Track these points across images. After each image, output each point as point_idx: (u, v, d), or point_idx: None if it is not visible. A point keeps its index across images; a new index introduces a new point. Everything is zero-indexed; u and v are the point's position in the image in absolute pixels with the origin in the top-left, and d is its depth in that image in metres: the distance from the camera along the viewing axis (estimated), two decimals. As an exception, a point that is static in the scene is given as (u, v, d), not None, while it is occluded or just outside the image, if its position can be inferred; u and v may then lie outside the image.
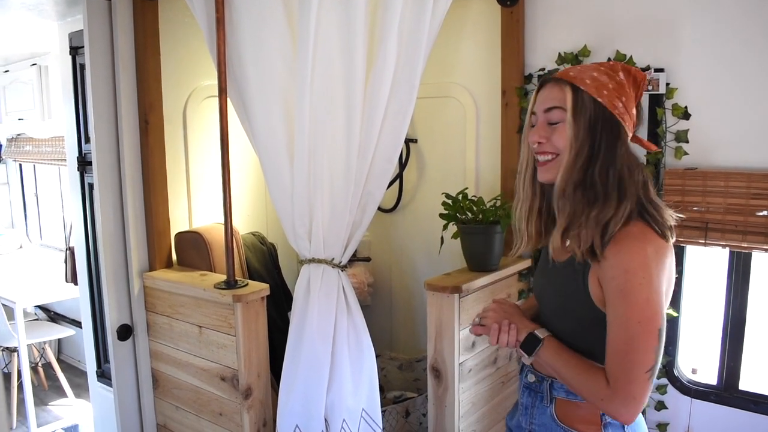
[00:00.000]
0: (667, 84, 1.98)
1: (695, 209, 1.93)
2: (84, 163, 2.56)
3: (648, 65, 2.01)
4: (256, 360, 1.95)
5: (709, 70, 1.94)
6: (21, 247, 4.65)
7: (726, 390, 2.03)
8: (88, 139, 2.37)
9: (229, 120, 1.95)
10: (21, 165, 4.67)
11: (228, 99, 1.92)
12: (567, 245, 1.31)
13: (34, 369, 4.06)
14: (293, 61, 1.80)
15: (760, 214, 1.83)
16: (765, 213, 1.83)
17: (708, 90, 1.95)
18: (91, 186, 2.40)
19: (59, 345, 4.57)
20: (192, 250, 2.22)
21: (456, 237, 2.12)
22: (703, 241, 1.93)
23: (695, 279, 2.11)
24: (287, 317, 2.22)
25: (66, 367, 4.29)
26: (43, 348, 4.03)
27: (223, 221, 1.99)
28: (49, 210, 4.64)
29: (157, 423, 2.30)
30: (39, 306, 4.43)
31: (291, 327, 1.90)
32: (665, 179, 1.98)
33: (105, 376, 2.61)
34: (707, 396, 2.04)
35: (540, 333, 1.29)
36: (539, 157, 1.28)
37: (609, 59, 2.07)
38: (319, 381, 1.84)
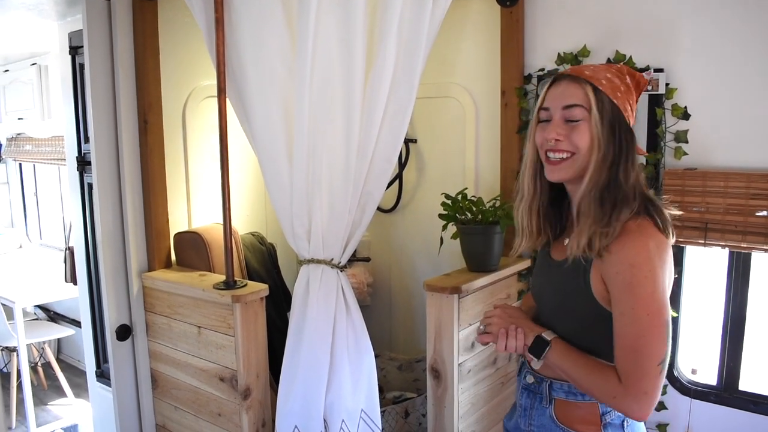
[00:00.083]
0: (667, 84, 1.98)
1: (695, 209, 1.93)
2: (83, 163, 2.56)
3: (648, 65, 2.00)
4: (255, 360, 1.95)
5: (709, 70, 1.94)
6: (21, 247, 4.65)
7: (726, 390, 2.02)
8: (87, 139, 2.36)
9: (229, 120, 1.95)
10: (21, 164, 4.67)
11: (227, 99, 1.92)
12: (566, 243, 1.31)
13: (33, 369, 4.06)
14: (292, 61, 1.80)
15: (759, 214, 1.83)
16: (764, 213, 1.82)
17: (708, 90, 1.94)
18: (91, 186, 2.39)
19: (59, 345, 4.56)
20: (191, 250, 2.22)
21: (455, 237, 2.12)
22: (703, 242, 1.93)
23: (695, 279, 2.11)
24: (286, 317, 2.22)
25: (65, 367, 4.28)
26: (43, 348, 4.03)
27: (222, 221, 1.99)
28: (49, 210, 4.64)
29: (156, 423, 2.30)
30: (38, 306, 4.42)
31: (290, 327, 1.90)
32: (665, 179, 1.98)
33: (104, 376, 2.61)
34: (707, 396, 2.04)
35: (547, 335, 1.27)
36: (552, 155, 1.24)
37: (609, 59, 2.07)
38: (318, 381, 1.84)
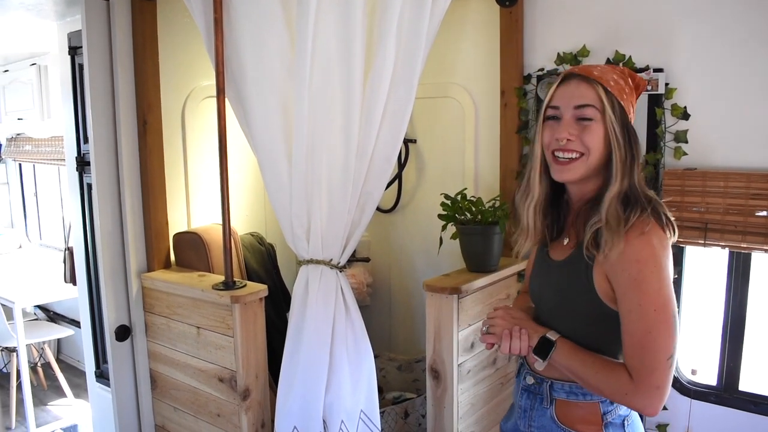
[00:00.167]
0: (667, 84, 1.98)
1: (694, 210, 1.93)
2: (83, 163, 2.56)
3: (647, 65, 2.00)
4: (254, 361, 1.95)
5: (709, 70, 1.93)
6: (20, 247, 4.65)
7: (726, 391, 2.02)
8: (87, 139, 2.36)
9: (228, 120, 1.94)
10: (21, 165, 4.66)
11: (226, 99, 1.92)
12: (566, 243, 1.31)
13: (33, 369, 4.06)
14: (292, 62, 1.79)
15: (759, 214, 1.83)
16: (764, 213, 1.82)
17: (707, 90, 1.94)
18: (90, 186, 2.39)
19: (58, 345, 4.56)
20: (190, 250, 2.22)
21: (455, 237, 2.11)
22: (703, 242, 1.92)
23: (695, 279, 2.11)
24: (286, 318, 2.22)
25: (65, 367, 4.28)
26: (43, 348, 4.03)
27: (222, 222, 1.99)
28: (49, 210, 4.64)
29: (156, 424, 2.29)
30: (38, 306, 4.42)
31: (289, 328, 1.90)
32: (664, 179, 1.98)
33: (104, 376, 2.61)
34: (707, 397, 2.04)
35: (551, 336, 1.26)
36: (561, 155, 1.23)
37: (608, 59, 2.07)
38: (318, 382, 1.83)
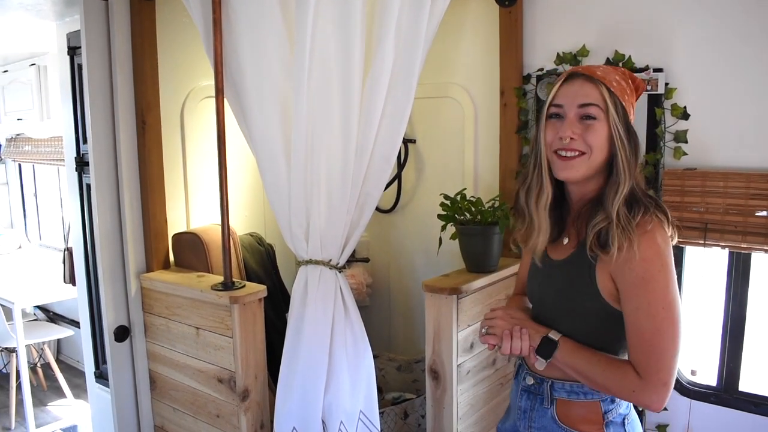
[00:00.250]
0: (666, 84, 1.97)
1: (694, 210, 1.92)
2: (82, 164, 2.55)
3: (647, 65, 2.00)
4: (253, 362, 1.94)
5: (709, 70, 1.93)
6: (20, 248, 4.65)
7: (726, 391, 2.02)
8: (86, 140, 2.36)
9: (227, 121, 1.94)
10: (20, 165, 4.67)
11: (225, 100, 1.92)
12: (566, 242, 1.30)
13: (32, 369, 4.05)
14: (290, 62, 1.79)
15: (759, 214, 1.83)
16: (764, 213, 1.82)
17: (707, 90, 1.94)
18: (89, 186, 2.39)
19: (58, 345, 4.56)
20: (189, 251, 2.21)
21: (454, 238, 2.11)
22: (703, 242, 1.92)
23: (694, 280, 2.11)
24: (285, 318, 2.21)
25: (65, 368, 4.28)
26: (42, 348, 4.03)
27: (221, 222, 1.98)
28: (49, 210, 4.64)
29: (155, 424, 2.29)
30: (38, 306, 4.42)
31: (288, 329, 1.90)
32: (664, 180, 1.98)
33: (103, 377, 2.61)
34: (707, 397, 2.04)
35: (553, 335, 1.26)
36: (564, 153, 1.23)
37: (608, 59, 2.06)
38: (317, 383, 1.83)
